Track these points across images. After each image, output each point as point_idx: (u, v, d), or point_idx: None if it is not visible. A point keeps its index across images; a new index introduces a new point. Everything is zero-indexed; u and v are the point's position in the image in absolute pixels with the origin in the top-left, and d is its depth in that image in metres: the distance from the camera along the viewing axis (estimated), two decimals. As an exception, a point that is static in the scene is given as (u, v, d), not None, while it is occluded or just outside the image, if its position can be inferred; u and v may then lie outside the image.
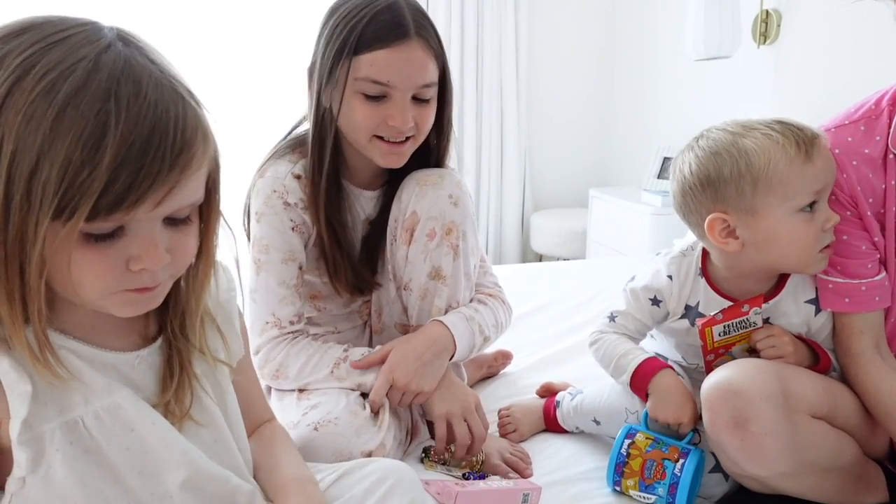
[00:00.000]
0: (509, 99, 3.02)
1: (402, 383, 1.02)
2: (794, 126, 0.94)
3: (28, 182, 0.50)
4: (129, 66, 0.52)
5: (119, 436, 0.60)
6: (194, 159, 0.54)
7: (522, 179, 3.14)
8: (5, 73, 0.51)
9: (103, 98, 0.51)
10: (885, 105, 0.95)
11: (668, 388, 0.99)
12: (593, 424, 1.14)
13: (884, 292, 0.95)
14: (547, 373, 1.37)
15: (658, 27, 2.83)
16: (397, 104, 1.01)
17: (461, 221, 1.09)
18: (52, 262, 0.53)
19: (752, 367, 0.91)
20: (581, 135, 3.24)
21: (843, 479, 0.94)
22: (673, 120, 2.79)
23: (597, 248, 2.77)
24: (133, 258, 0.55)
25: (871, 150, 0.94)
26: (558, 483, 1.03)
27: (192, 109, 0.55)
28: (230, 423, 0.70)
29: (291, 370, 1.05)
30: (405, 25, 1.00)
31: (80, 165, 0.50)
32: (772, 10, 2.22)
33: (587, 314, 1.66)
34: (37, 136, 0.50)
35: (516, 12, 2.96)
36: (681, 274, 1.05)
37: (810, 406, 0.90)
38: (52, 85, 0.50)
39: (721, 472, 0.99)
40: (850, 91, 1.95)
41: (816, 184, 0.92)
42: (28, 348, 0.55)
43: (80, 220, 0.51)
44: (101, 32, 0.54)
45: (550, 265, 2.27)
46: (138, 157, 0.51)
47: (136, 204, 0.52)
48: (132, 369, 0.63)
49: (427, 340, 1.05)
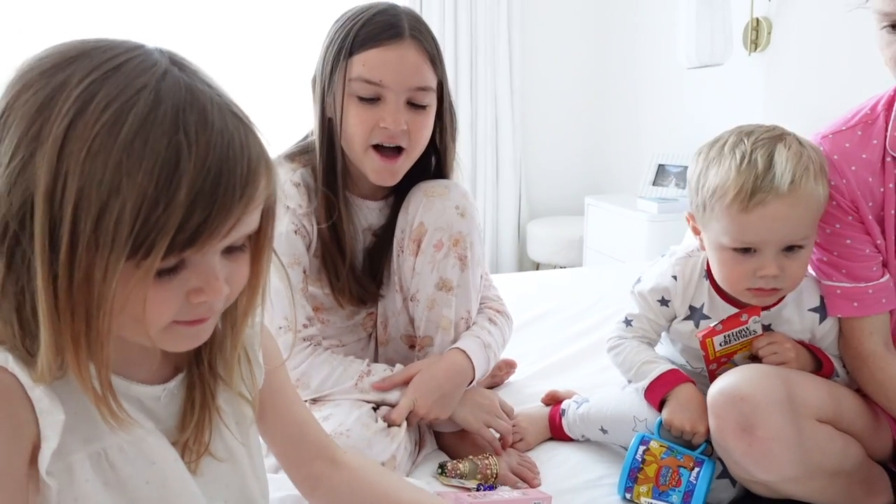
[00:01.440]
0: (504, 108, 3.04)
1: (422, 412, 1.05)
2: (761, 170, 0.90)
3: (96, 221, 0.47)
4: (192, 94, 0.50)
5: (140, 469, 0.59)
6: (261, 188, 0.53)
7: (518, 188, 3.15)
8: (65, 107, 0.48)
9: (171, 129, 0.48)
10: (881, 109, 0.97)
11: (688, 399, 1.01)
12: (600, 433, 1.15)
13: (890, 294, 0.97)
14: (551, 381, 1.38)
15: (650, 36, 2.86)
16: (390, 105, 1.01)
17: (468, 232, 1.10)
18: (119, 302, 0.50)
19: (758, 372, 0.92)
20: (575, 142, 3.26)
21: (849, 482, 0.95)
22: (666, 127, 2.82)
23: (594, 256, 2.79)
24: (194, 290, 0.53)
25: (868, 154, 0.96)
26: (567, 492, 1.04)
27: (254, 135, 0.53)
28: (250, 455, 0.68)
29: (314, 381, 1.06)
30: (399, 26, 1.02)
31: (154, 202, 0.47)
32: (762, 18, 2.25)
33: (588, 322, 1.68)
34: (105, 173, 0.47)
35: (509, 22, 2.98)
36: (685, 275, 1.07)
37: (816, 410, 0.91)
38: (116, 118, 0.48)
39: (728, 477, 1.00)
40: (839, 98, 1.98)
41: (746, 235, 0.92)
42: (93, 391, 0.52)
43: (157, 258, 0.49)
44: (153, 57, 0.51)
45: (549, 273, 2.28)
46: (212, 189, 0.49)
47: (210, 238, 0.50)
48: (156, 402, 0.61)
49: (449, 371, 1.07)
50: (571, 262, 2.91)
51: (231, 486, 0.66)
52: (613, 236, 2.67)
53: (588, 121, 3.24)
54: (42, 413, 0.52)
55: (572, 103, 3.22)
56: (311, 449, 0.75)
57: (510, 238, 3.16)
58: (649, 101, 2.91)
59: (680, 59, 2.33)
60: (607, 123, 3.19)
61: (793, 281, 0.96)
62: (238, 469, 0.66)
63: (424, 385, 1.05)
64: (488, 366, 1.13)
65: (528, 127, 3.18)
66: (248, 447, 0.68)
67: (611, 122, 3.17)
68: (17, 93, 0.50)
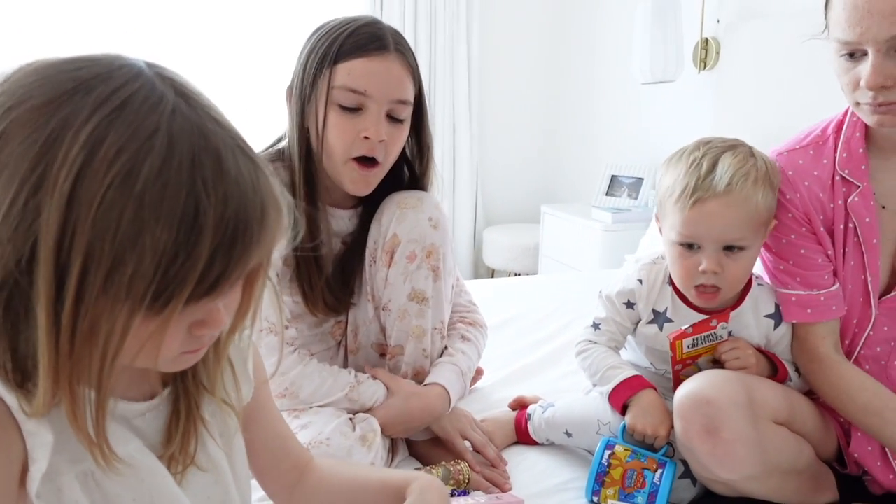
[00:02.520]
0: (461, 115, 3.08)
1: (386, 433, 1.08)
2: (703, 172, 0.99)
3: (108, 274, 0.45)
4: (205, 138, 0.48)
5: (128, 487, 0.58)
6: (276, 227, 0.52)
7: (475, 195, 3.19)
8: (71, 153, 0.44)
9: (189, 180, 0.46)
10: (831, 132, 1.04)
11: (650, 404, 1.05)
12: (564, 436, 1.18)
13: (839, 302, 1.04)
14: (517, 387, 1.41)
15: (605, 51, 2.95)
16: (372, 115, 1.02)
17: (441, 244, 1.11)
18: (129, 349, 0.49)
19: (721, 377, 0.97)
20: (532, 151, 3.33)
21: (801, 480, 1.01)
22: (620, 139, 2.91)
23: (549, 263, 2.84)
24: (196, 323, 0.52)
25: (819, 172, 1.03)
26: (537, 496, 1.06)
27: (264, 175, 0.52)
28: (233, 465, 0.68)
29: (304, 391, 1.05)
30: (384, 39, 1.03)
31: (174, 255, 0.46)
32: (711, 38, 2.36)
33: (549, 329, 1.72)
34: (119, 226, 0.44)
35: (468, 29, 3.03)
36: (650, 279, 1.12)
37: (773, 413, 0.97)
38: (129, 168, 0.45)
39: (689, 477, 1.05)
40: (785, 116, 2.10)
41: (686, 229, 1.00)
42: (87, 437, 0.51)
43: (177, 310, 0.47)
44: (157, 89, 0.48)
45: (508, 281, 2.32)
46: (231, 240, 0.48)
47: (229, 285, 0.50)
48: (142, 418, 0.60)
49: (424, 411, 1.09)
50: (527, 269, 2.97)
51: (213, 498, 0.65)
52: (568, 244, 2.74)
53: (544, 130, 3.31)
54: (29, 434, 0.50)
55: (529, 113, 3.29)
56: (288, 461, 0.76)
57: (466, 244, 3.20)
58: (604, 113, 3.00)
59: (634, 75, 2.42)
60: (563, 133, 3.27)
61: (732, 282, 1.02)
62: (220, 480, 0.66)
63: (395, 418, 1.07)
64: (465, 391, 1.15)
65: (486, 135, 3.23)
66: (232, 457, 0.68)
67: (566, 133, 3.25)
68: (6, 130, 0.46)
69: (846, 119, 1.03)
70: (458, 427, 1.12)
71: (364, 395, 1.08)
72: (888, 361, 1.04)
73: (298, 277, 1.11)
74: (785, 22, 2.12)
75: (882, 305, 1.03)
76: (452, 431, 1.11)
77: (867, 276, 1.02)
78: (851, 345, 1.06)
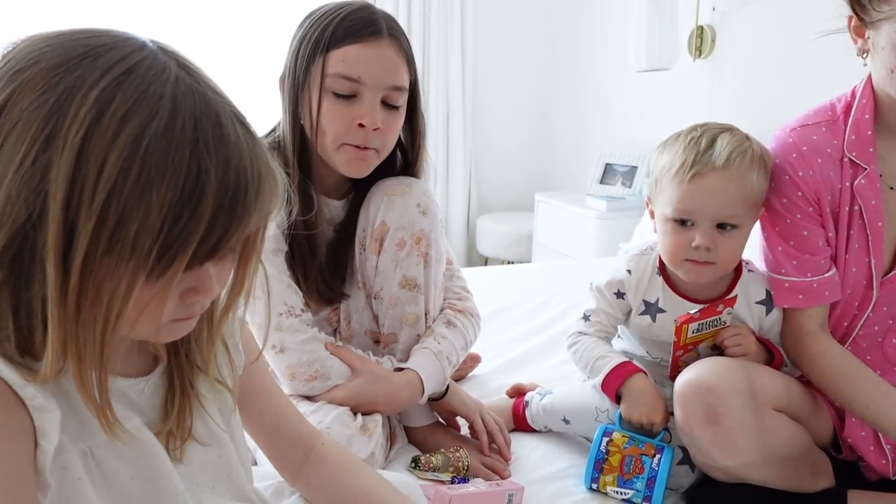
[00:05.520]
0: (455, 103, 3.06)
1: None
2: (703, 148, 1.00)
3: (114, 232, 0.46)
4: (206, 104, 0.50)
5: (125, 465, 0.58)
6: (272, 197, 0.53)
7: (468, 183, 3.18)
8: (80, 112, 0.46)
9: (192, 142, 0.48)
10: (840, 113, 1.03)
11: (641, 391, 1.05)
12: (562, 423, 1.18)
13: (833, 287, 1.03)
14: (514, 374, 1.41)
15: (600, 39, 2.94)
16: (367, 103, 1.01)
17: (430, 230, 1.10)
18: (131, 313, 0.50)
19: (722, 365, 0.97)
20: (526, 140, 3.32)
21: (799, 466, 1.02)
22: (614, 127, 2.91)
23: (543, 251, 2.85)
24: (188, 291, 0.53)
25: (831, 150, 1.01)
26: (536, 482, 1.07)
27: (259, 144, 0.53)
28: (234, 441, 0.68)
29: (335, 371, 1.05)
30: (378, 24, 1.02)
31: (178, 215, 0.47)
32: (706, 26, 2.35)
33: (546, 316, 1.72)
34: (126, 185, 0.46)
35: (462, 18, 3.00)
36: (639, 270, 1.13)
37: (772, 400, 0.97)
38: (136, 129, 0.47)
39: (688, 463, 1.05)
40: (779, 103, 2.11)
41: (683, 204, 1.00)
42: (94, 400, 0.51)
43: (179, 270, 0.49)
44: (160, 59, 0.50)
45: (503, 269, 2.32)
46: (232, 201, 0.49)
47: (227, 250, 0.51)
48: (140, 394, 0.61)
49: (389, 397, 1.05)
50: (520, 257, 2.97)
51: (218, 471, 0.66)
52: (562, 233, 2.74)
53: (538, 118, 3.30)
54: (37, 410, 0.51)
55: (523, 101, 3.27)
56: (289, 439, 0.77)
57: (460, 232, 3.19)
58: (598, 101, 2.99)
59: (630, 63, 2.41)
60: (557, 122, 3.26)
61: (725, 259, 1.03)
62: (224, 454, 0.67)
63: (355, 399, 1.04)
64: (444, 374, 1.11)
65: (479, 122, 3.21)
66: (232, 434, 0.68)
67: (561, 121, 3.24)
68: (17, 89, 0.47)
69: (855, 101, 1.01)
70: (476, 408, 1.12)
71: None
72: (885, 338, 1.05)
73: (292, 267, 1.10)
74: (780, 10, 2.12)
75: (884, 286, 1.03)
76: (473, 409, 1.11)
77: (871, 259, 1.01)
78: (850, 326, 1.07)
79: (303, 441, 0.77)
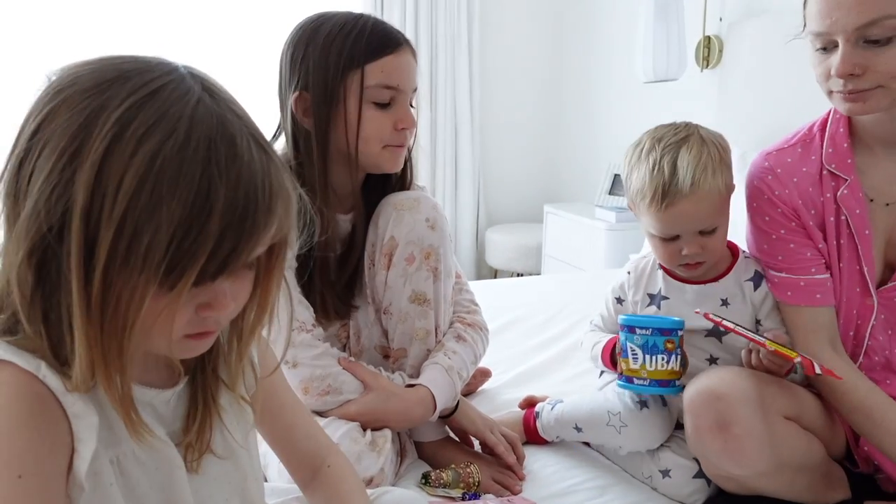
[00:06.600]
0: (463, 115, 3.08)
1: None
2: (667, 176, 1.04)
3: (129, 245, 0.49)
4: (222, 125, 0.53)
5: (146, 474, 0.60)
6: (284, 216, 0.55)
7: (476, 195, 3.19)
8: (104, 129, 0.50)
9: (204, 161, 0.51)
10: (817, 130, 1.09)
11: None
12: (575, 432, 1.17)
13: (825, 290, 1.06)
14: (525, 388, 1.40)
15: (607, 50, 2.95)
16: (403, 107, 1.08)
17: (439, 245, 1.11)
18: (147, 323, 0.52)
19: (732, 373, 0.97)
20: (534, 151, 3.32)
21: (812, 477, 1.01)
22: (622, 138, 2.89)
23: (552, 263, 2.84)
24: (202, 305, 0.55)
25: (808, 168, 1.07)
26: (548, 498, 1.06)
27: (275, 165, 0.55)
28: (250, 455, 0.70)
29: (349, 386, 1.05)
30: (396, 34, 1.09)
31: (187, 230, 0.49)
32: (714, 36, 2.36)
33: (556, 329, 1.72)
34: (140, 198, 0.49)
35: (469, 30, 3.02)
36: (638, 268, 1.20)
37: (783, 408, 0.97)
38: (152, 146, 0.49)
39: (703, 478, 1.04)
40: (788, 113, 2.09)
41: (666, 229, 1.07)
42: (120, 404, 0.54)
43: (187, 286, 0.51)
44: (186, 83, 0.53)
45: (512, 281, 2.31)
46: (240, 220, 0.51)
47: (239, 266, 0.53)
48: (166, 405, 0.63)
49: (401, 414, 1.06)
50: (529, 269, 2.96)
51: (232, 484, 0.68)
52: (572, 244, 2.73)
53: (546, 130, 3.31)
54: (75, 417, 0.53)
55: (531, 112, 3.28)
56: (297, 455, 0.79)
57: (469, 244, 3.19)
58: (606, 112, 2.99)
59: (637, 74, 2.41)
60: (565, 133, 3.26)
61: (714, 252, 1.10)
62: (239, 468, 0.68)
63: (370, 415, 1.04)
64: (455, 389, 1.11)
65: (487, 135, 3.22)
66: (248, 448, 0.70)
67: (569, 132, 3.25)
68: (55, 107, 0.51)
69: (829, 116, 1.08)
70: (488, 424, 1.12)
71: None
72: (891, 350, 1.06)
73: (301, 283, 1.10)
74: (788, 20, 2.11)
75: (880, 295, 1.05)
76: (483, 427, 1.12)
77: (862, 266, 1.04)
78: (857, 336, 1.07)
79: (310, 460, 0.79)
